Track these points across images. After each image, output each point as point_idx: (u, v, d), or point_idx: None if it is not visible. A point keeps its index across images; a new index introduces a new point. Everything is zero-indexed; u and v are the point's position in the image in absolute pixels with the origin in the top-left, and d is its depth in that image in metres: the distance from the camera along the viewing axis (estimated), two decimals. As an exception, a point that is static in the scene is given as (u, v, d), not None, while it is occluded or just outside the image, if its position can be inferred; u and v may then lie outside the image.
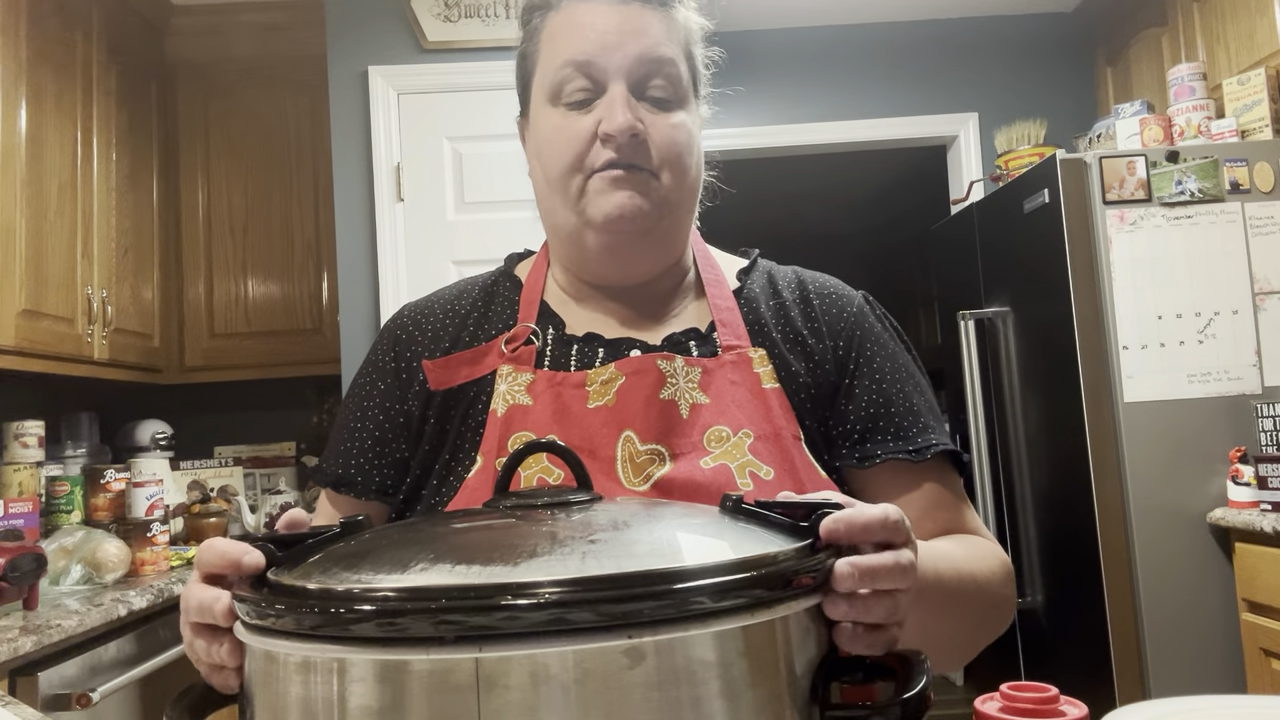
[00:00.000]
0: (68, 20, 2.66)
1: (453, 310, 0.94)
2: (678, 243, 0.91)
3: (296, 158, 3.27)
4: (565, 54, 0.84)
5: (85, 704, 1.77)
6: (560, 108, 0.85)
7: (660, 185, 0.84)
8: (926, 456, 0.85)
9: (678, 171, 0.85)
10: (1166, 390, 2.56)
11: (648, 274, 0.90)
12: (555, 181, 0.85)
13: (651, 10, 0.85)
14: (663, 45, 0.84)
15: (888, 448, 0.86)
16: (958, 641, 0.82)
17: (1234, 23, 2.88)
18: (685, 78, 0.87)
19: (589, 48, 0.83)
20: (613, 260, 0.87)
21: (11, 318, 2.31)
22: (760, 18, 3.63)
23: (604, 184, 0.83)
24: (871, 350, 0.90)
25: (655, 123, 0.84)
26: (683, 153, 0.85)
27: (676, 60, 0.85)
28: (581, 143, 0.83)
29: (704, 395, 0.84)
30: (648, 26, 0.84)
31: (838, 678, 0.47)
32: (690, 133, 0.86)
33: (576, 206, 0.84)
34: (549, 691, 0.39)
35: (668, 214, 0.86)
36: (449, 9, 3.04)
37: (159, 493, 2.62)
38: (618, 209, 0.82)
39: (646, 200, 0.83)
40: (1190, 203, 2.60)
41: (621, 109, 0.82)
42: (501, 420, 0.84)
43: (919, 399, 0.89)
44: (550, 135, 0.85)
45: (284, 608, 0.44)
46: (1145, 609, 2.51)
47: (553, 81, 0.85)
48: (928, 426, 0.87)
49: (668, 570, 0.43)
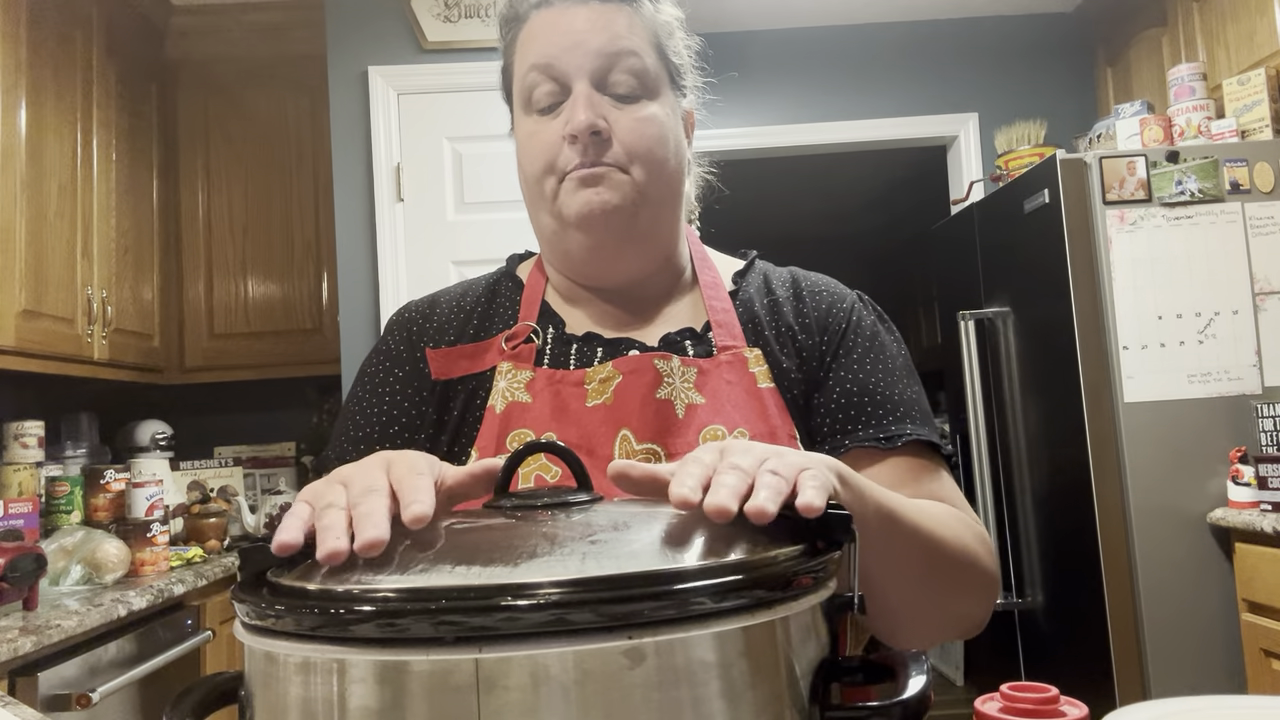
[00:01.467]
0: (67, 20, 2.66)
1: (458, 306, 0.94)
2: (663, 238, 0.90)
3: (296, 158, 3.28)
4: (530, 59, 0.86)
5: (85, 704, 1.77)
6: (533, 115, 0.87)
7: (631, 180, 0.84)
8: (897, 444, 0.83)
9: (651, 164, 0.85)
10: (1166, 390, 2.56)
11: (636, 272, 0.90)
12: (533, 186, 0.87)
13: (614, 8, 0.86)
14: (623, 39, 0.85)
15: (857, 436, 0.84)
16: (928, 594, 0.75)
17: (1234, 23, 2.88)
18: (653, 69, 0.87)
19: (551, 50, 0.84)
20: (596, 259, 0.87)
21: (11, 318, 2.31)
22: (760, 18, 3.63)
23: (574, 184, 0.83)
24: (853, 342, 0.89)
25: (620, 118, 0.84)
26: (653, 145, 0.85)
27: (640, 52, 0.85)
28: (552, 147, 0.84)
29: (700, 395, 0.84)
30: (609, 23, 0.85)
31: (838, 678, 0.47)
32: (661, 124, 0.86)
33: (552, 209, 0.86)
34: (549, 692, 0.39)
35: (645, 208, 0.85)
36: (449, 9, 3.04)
37: (159, 493, 2.62)
38: (586, 206, 0.83)
39: (616, 195, 0.83)
40: (1190, 203, 2.60)
41: (583, 108, 0.82)
42: (500, 417, 0.84)
43: (900, 392, 0.87)
44: (525, 141, 0.87)
45: (284, 608, 0.44)
46: (1145, 609, 2.51)
47: (522, 88, 0.87)
48: (905, 417, 0.85)
49: (668, 571, 0.43)
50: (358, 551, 0.46)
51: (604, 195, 0.83)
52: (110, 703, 1.89)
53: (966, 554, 0.77)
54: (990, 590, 0.81)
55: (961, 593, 0.78)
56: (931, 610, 0.77)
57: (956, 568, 0.76)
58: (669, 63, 0.90)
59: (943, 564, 0.74)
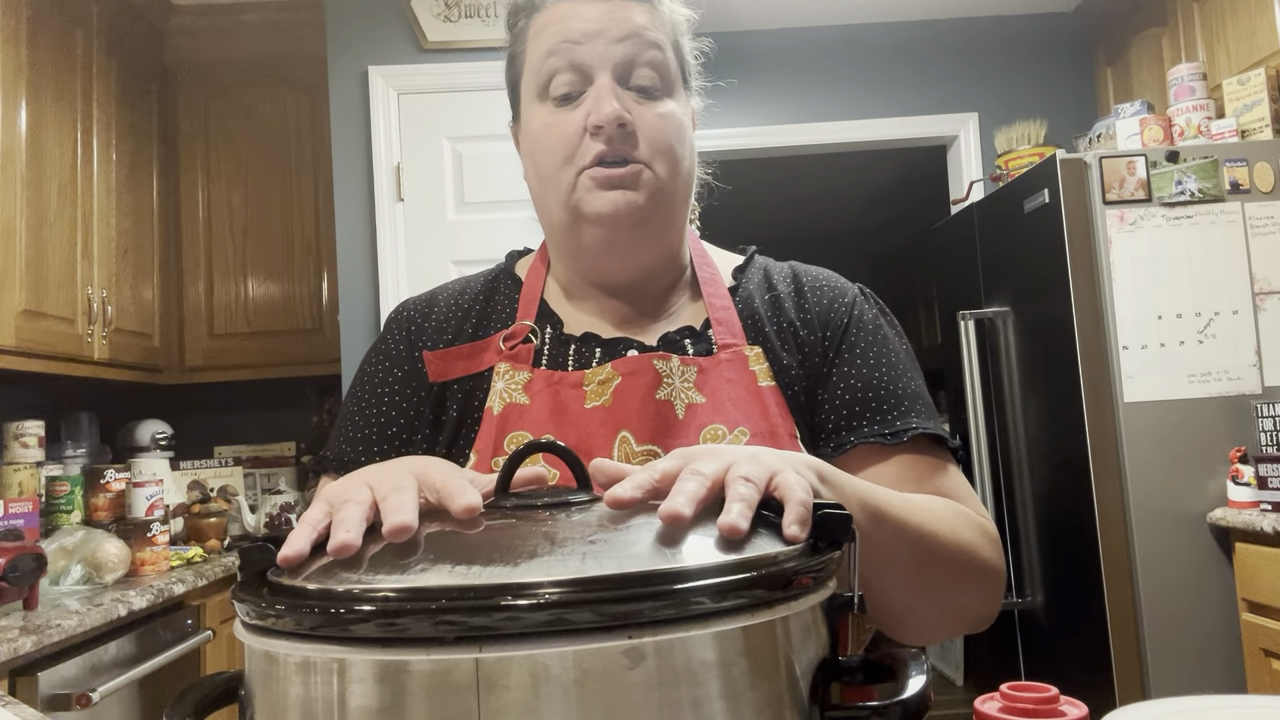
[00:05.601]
0: (67, 20, 2.66)
1: (456, 304, 0.94)
2: (673, 235, 0.90)
3: (296, 158, 3.28)
4: (549, 46, 0.84)
5: (85, 704, 1.77)
6: (549, 104, 0.85)
7: (653, 176, 0.83)
8: (903, 439, 0.82)
9: (670, 161, 0.84)
10: (1166, 390, 2.56)
11: (645, 267, 0.89)
12: (548, 178, 0.85)
13: (636, 2, 0.85)
14: (648, 33, 0.84)
15: (862, 433, 0.84)
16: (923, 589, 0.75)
17: (1234, 23, 2.88)
18: (673, 67, 0.86)
19: (574, 36, 0.83)
20: (609, 253, 0.86)
21: (11, 318, 2.31)
22: (760, 18, 3.63)
23: (597, 183, 0.82)
24: (856, 337, 0.89)
25: (643, 113, 0.83)
26: (673, 142, 0.84)
27: (663, 47, 0.85)
28: (571, 138, 0.82)
29: (700, 394, 0.84)
30: (632, 16, 0.84)
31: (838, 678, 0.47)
32: (680, 123, 0.86)
33: (568, 202, 0.84)
34: (549, 692, 0.39)
35: (664, 204, 0.85)
36: (449, 9, 3.04)
37: (159, 493, 2.62)
38: (611, 207, 0.82)
39: (640, 194, 0.83)
40: (1190, 203, 2.60)
41: (608, 99, 0.81)
42: (498, 418, 0.84)
43: (904, 386, 0.86)
44: (540, 131, 0.85)
45: (284, 608, 0.44)
46: (1145, 609, 2.51)
47: (539, 75, 0.85)
48: (910, 411, 0.85)
49: (668, 571, 0.43)
50: (385, 535, 0.48)
51: (631, 197, 0.82)
52: (110, 702, 1.89)
53: (963, 548, 0.76)
54: (994, 584, 0.80)
55: (959, 587, 0.77)
56: (929, 605, 0.76)
57: (952, 562, 0.75)
58: (683, 61, 0.89)
59: (936, 558, 0.73)
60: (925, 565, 0.73)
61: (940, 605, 0.77)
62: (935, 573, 0.74)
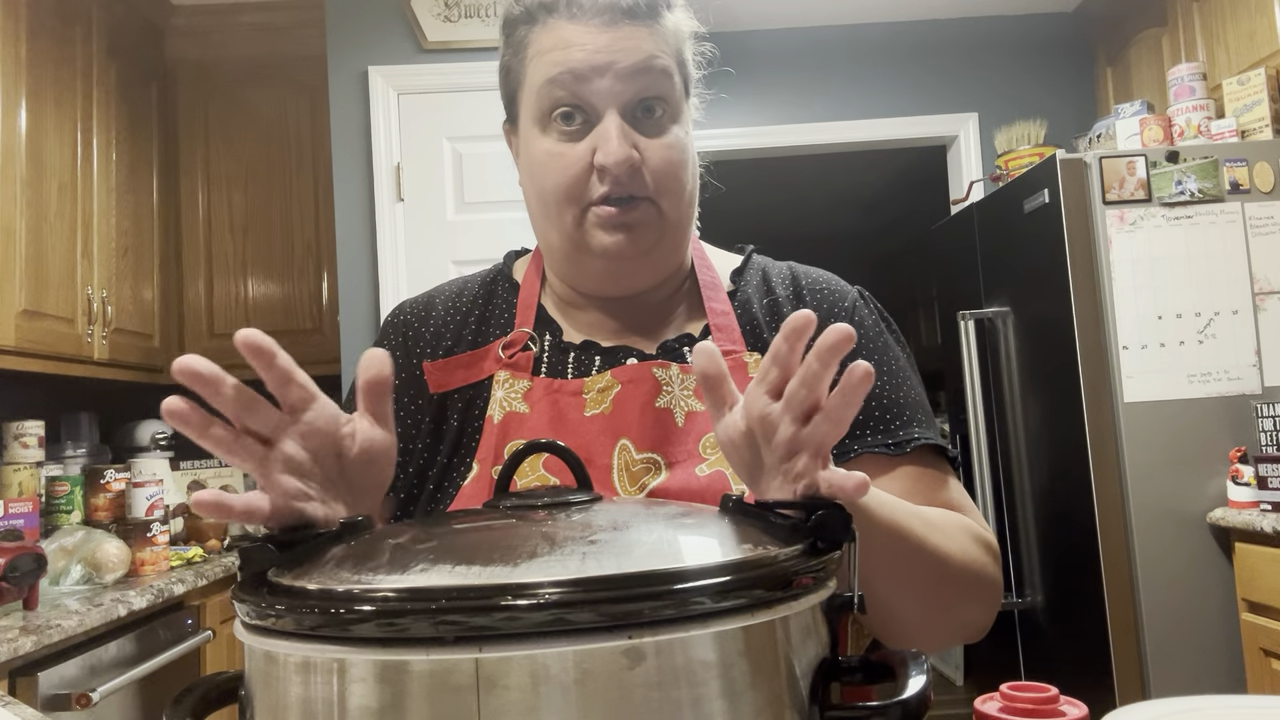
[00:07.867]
0: (67, 20, 2.66)
1: (454, 307, 0.93)
2: (678, 255, 0.90)
3: (296, 158, 3.27)
4: (553, 75, 0.81)
5: (85, 704, 1.77)
6: (551, 134, 0.82)
7: (659, 213, 0.83)
8: (906, 450, 0.82)
9: (675, 192, 0.83)
10: (1166, 390, 2.56)
11: (646, 285, 0.89)
12: (550, 209, 0.83)
13: (641, 26, 0.81)
14: (656, 61, 0.81)
15: (866, 442, 0.83)
16: (937, 606, 0.77)
17: (1234, 23, 2.88)
18: (679, 88, 0.85)
19: (578, 69, 0.80)
20: (611, 281, 0.87)
21: (11, 318, 2.31)
22: (760, 18, 3.63)
23: (603, 221, 0.81)
24: (857, 344, 0.88)
25: (651, 146, 0.81)
26: (679, 172, 0.83)
27: (670, 72, 0.83)
28: (577, 173, 0.80)
29: (699, 402, 0.83)
30: (638, 44, 0.81)
31: (838, 678, 0.47)
32: (685, 148, 0.85)
33: (573, 236, 0.83)
34: (549, 692, 0.39)
35: (669, 234, 0.85)
36: (449, 9, 3.04)
37: (159, 493, 2.62)
38: (616, 247, 0.82)
39: (646, 232, 0.82)
40: (1190, 203, 2.60)
41: (618, 141, 0.79)
42: (498, 427, 0.83)
43: (906, 394, 0.86)
44: (544, 160, 0.82)
45: (284, 608, 0.44)
46: (1145, 609, 2.51)
47: (541, 102, 0.82)
48: (912, 420, 0.85)
49: (668, 571, 0.43)
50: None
51: (635, 233, 0.82)
52: (110, 703, 1.89)
53: (970, 565, 0.77)
54: (995, 597, 0.81)
55: (966, 603, 0.79)
56: (938, 620, 0.78)
57: (962, 579, 0.76)
58: (687, 74, 0.87)
59: (949, 578, 0.75)
60: (938, 584, 0.74)
61: (947, 620, 0.79)
62: (948, 591, 0.76)
